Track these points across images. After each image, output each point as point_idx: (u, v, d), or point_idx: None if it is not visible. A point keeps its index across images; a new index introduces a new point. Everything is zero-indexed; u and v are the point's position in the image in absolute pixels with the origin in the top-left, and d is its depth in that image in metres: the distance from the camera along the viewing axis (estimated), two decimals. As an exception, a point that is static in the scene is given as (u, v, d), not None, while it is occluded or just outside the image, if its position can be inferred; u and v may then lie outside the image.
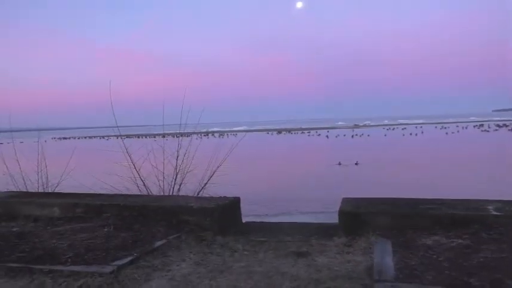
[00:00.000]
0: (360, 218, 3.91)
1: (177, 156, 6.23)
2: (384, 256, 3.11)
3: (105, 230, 4.02)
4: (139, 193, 5.86)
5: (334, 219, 9.31)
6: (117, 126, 6.50)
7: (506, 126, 55.49)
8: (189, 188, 6.10)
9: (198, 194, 5.99)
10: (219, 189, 6.19)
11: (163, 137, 7.16)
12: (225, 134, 71.75)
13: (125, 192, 5.89)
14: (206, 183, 6.14)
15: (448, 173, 16.41)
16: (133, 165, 6.08)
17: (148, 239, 3.86)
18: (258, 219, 9.95)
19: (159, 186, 6.02)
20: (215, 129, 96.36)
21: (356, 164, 20.18)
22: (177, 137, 7.27)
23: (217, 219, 4.28)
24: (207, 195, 5.79)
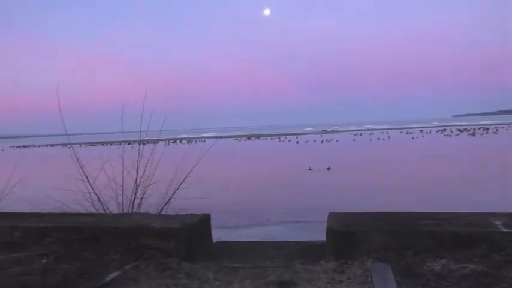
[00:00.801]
0: (351, 237, 3.37)
1: (138, 167, 5.51)
2: (388, 288, 2.57)
3: (44, 261, 3.27)
4: (94, 211, 5.09)
5: (311, 231, 8.78)
6: (70, 134, 5.68)
7: (467, 130, 57.40)
8: (151, 203, 5.39)
9: (162, 210, 5.30)
10: (186, 203, 5.53)
11: (129, 144, 6.41)
12: (194, 140, 70.57)
13: (78, 209, 5.12)
14: (171, 197, 5.44)
15: (421, 177, 16.33)
16: (86, 178, 5.31)
17: (99, 270, 3.16)
18: (229, 233, 9.36)
19: (117, 201, 5.28)
20: (183, 135, 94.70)
21: (328, 169, 19.90)
22: (142, 144, 6.55)
23: (183, 242, 3.63)
24: (172, 212, 5.13)
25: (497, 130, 55.92)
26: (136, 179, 5.46)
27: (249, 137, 73.77)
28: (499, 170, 17.29)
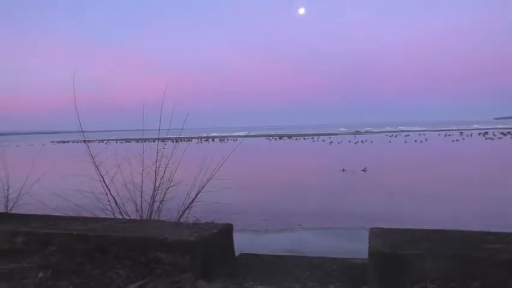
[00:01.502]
0: (401, 262, 2.75)
1: (157, 167, 5.07)
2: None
3: (40, 275, 2.85)
4: (109, 215, 4.69)
5: (346, 240, 8.12)
6: (85, 131, 5.32)
7: (511, 134, 54.36)
8: (172, 207, 4.94)
9: (181, 216, 4.83)
10: (208, 207, 5.05)
11: (163, 141, 6.00)
12: (226, 138, 70.68)
13: (94, 213, 4.73)
14: (192, 202, 4.97)
15: (466, 183, 15.22)
16: (102, 178, 4.92)
17: (99, 290, 2.70)
18: (257, 238, 8.85)
19: (136, 204, 4.87)
20: (214, 134, 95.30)
21: (363, 170, 19.03)
22: (176, 141, 6.16)
23: (199, 257, 3.13)
24: (192, 218, 4.66)
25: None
26: (156, 180, 5.02)
27: (281, 137, 73.10)
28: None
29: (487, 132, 60.46)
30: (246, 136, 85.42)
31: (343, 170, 19.52)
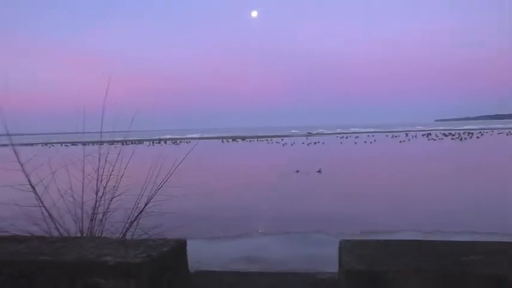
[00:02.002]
0: (378, 280, 2.45)
1: (100, 174, 4.47)
2: None
3: None
4: (44, 231, 4.05)
5: (305, 245, 7.83)
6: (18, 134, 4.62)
7: (452, 135, 57.59)
8: (117, 219, 4.38)
9: (128, 228, 4.28)
10: (158, 219, 4.55)
11: (112, 144, 5.37)
12: (178, 141, 69.21)
13: (26, 229, 4.07)
14: (141, 212, 4.43)
15: (414, 182, 15.63)
16: (33, 188, 4.24)
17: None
18: (215, 244, 8.38)
19: (75, 217, 4.25)
20: (168, 136, 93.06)
21: (318, 171, 19.10)
22: (124, 144, 5.56)
23: (147, 281, 2.66)
24: (140, 233, 4.15)
25: (481, 135, 56.28)
26: (98, 188, 4.43)
27: (234, 139, 72.78)
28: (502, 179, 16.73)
29: (430, 134, 63.68)
30: (200, 138, 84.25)
31: (298, 172, 19.49)
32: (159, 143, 62.71)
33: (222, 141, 65.03)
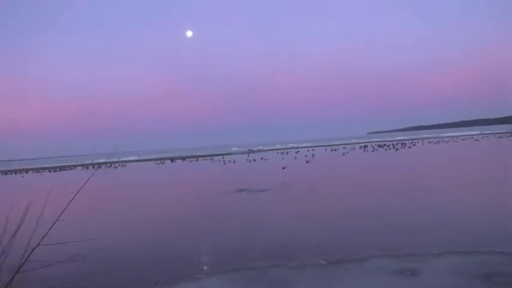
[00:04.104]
0: None
1: None
2: None
3: None
4: None
5: (261, 285, 6.25)
6: None
7: (387, 146, 59.64)
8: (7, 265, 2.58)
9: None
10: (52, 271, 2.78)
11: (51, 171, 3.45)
12: (113, 165, 64.90)
13: None
14: (23, 264, 2.68)
15: (371, 194, 14.74)
16: None
17: None
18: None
19: None
20: (102, 160, 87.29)
21: (264, 190, 17.71)
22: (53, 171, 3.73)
23: None
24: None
25: (414, 144, 58.86)
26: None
27: (173, 159, 69.86)
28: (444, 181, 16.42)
29: (366, 146, 65.58)
30: (136, 161, 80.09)
31: (242, 191, 18.03)
32: (87, 168, 58.20)
33: (158, 162, 61.84)
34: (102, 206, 17.80)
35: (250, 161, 45.41)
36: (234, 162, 45.58)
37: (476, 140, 59.94)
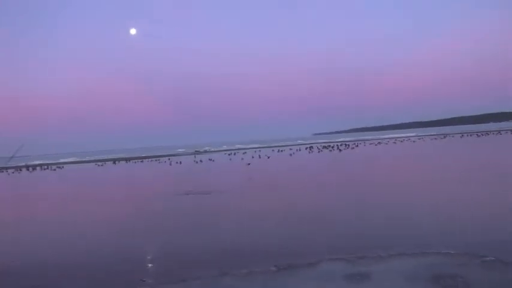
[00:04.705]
0: None
1: None
2: None
3: None
4: None
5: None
6: None
7: (331, 147, 61.27)
8: None
9: None
10: None
11: None
12: (49, 166, 61.04)
13: None
14: None
15: (319, 192, 14.77)
16: None
17: None
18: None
19: None
20: (38, 162, 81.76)
21: (208, 193, 17.21)
22: None
23: None
24: None
25: (356, 145, 61.03)
26: None
27: (115, 161, 67.03)
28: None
29: (312, 147, 67.00)
30: (76, 162, 76.04)
31: (188, 194, 17.44)
32: (19, 170, 54.20)
33: (99, 164, 58.97)
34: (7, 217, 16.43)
35: (197, 162, 44.58)
36: (180, 163, 44.49)
37: (413, 141, 63.48)
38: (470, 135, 69.74)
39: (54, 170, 53.29)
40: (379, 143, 65.93)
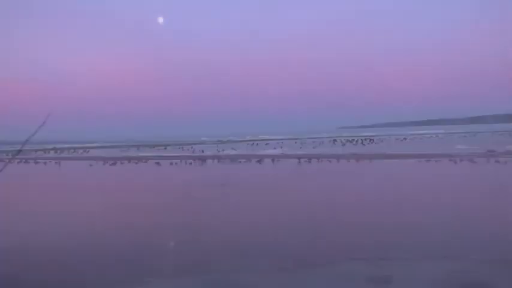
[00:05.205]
0: None
1: None
2: None
3: None
4: None
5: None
6: None
7: (355, 141, 60.49)
8: None
9: None
10: None
11: None
12: (76, 150, 62.43)
13: None
14: None
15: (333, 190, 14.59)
16: None
17: None
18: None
19: None
20: (65, 145, 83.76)
21: (223, 184, 17.24)
22: None
23: None
24: None
25: (381, 141, 60.08)
26: None
27: (139, 147, 68.04)
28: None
29: (335, 140, 66.25)
30: (100, 147, 77.56)
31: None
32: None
33: (122, 150, 59.86)
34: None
35: (218, 151, 44.76)
36: (203, 151, 44.85)
37: (441, 137, 61.91)
38: (501, 134, 67.33)
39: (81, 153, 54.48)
40: (404, 139, 64.58)
